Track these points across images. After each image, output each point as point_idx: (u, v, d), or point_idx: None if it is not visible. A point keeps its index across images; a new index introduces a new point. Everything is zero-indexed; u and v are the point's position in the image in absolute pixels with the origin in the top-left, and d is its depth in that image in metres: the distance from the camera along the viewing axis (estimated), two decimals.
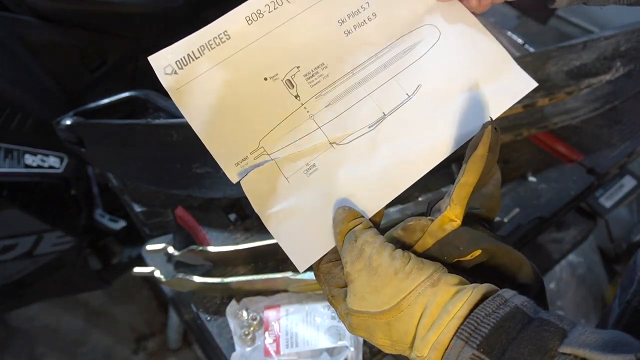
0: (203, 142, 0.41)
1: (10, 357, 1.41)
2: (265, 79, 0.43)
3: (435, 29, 0.47)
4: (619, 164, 0.82)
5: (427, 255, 0.36)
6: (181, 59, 0.42)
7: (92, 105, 0.77)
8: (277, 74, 0.43)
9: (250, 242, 0.66)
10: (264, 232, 0.71)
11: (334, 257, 0.39)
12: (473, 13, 0.47)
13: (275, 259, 0.68)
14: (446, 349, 0.31)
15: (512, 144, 0.80)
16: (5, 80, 0.92)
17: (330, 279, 0.38)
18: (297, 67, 0.43)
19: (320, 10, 0.44)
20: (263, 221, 0.40)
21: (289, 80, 0.43)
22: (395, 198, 0.42)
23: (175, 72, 0.41)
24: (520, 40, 0.98)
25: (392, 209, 0.67)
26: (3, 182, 0.92)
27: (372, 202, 0.41)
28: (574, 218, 1.14)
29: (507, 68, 0.46)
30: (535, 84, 0.46)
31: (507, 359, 0.28)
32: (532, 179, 0.78)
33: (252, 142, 0.42)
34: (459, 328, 0.30)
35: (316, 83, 0.44)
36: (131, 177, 0.76)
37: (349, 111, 0.44)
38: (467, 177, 0.36)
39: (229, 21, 0.42)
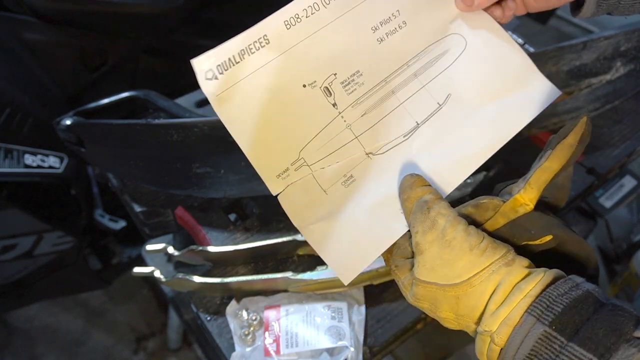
0: (244, 152, 0.40)
1: (10, 357, 1.41)
2: (304, 85, 0.42)
3: (462, 38, 0.47)
4: (619, 164, 0.82)
5: (496, 235, 0.36)
6: (222, 63, 0.39)
7: (92, 105, 0.77)
8: (315, 81, 0.42)
9: (250, 242, 0.66)
10: (264, 232, 0.71)
11: None
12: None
13: (275, 259, 0.68)
14: (516, 325, 0.31)
15: (512, 144, 0.80)
16: (5, 80, 0.92)
17: (395, 249, 0.39)
18: (334, 75, 0.43)
19: (355, 17, 0.44)
20: (303, 235, 0.40)
21: (327, 88, 0.42)
22: None
23: (216, 77, 0.39)
24: (520, 40, 0.98)
25: None
26: (3, 182, 0.92)
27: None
28: (574, 218, 1.14)
29: (532, 77, 0.46)
30: (559, 93, 0.46)
31: (580, 338, 0.29)
32: None
33: (293, 153, 0.41)
34: (530, 306, 0.31)
35: (352, 91, 0.43)
36: (131, 177, 0.76)
37: (383, 120, 0.43)
38: (551, 163, 0.37)
39: (268, 25, 0.40)
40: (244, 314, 0.61)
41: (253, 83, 0.40)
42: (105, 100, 0.79)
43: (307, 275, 0.61)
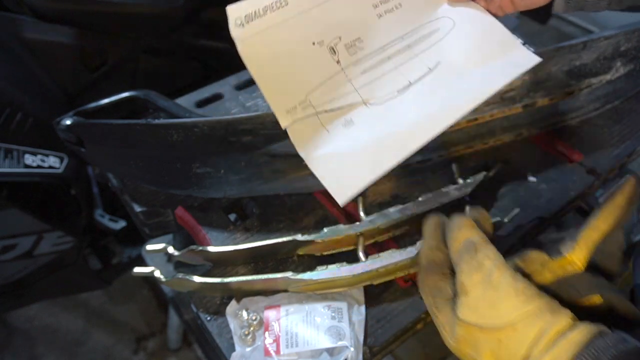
0: (260, 89, 0.48)
1: (10, 357, 1.41)
2: (314, 43, 0.51)
3: (451, 20, 0.56)
4: (619, 164, 0.82)
5: (542, 289, 0.36)
6: (249, 13, 0.47)
7: (92, 105, 0.77)
8: (323, 40, 0.51)
9: (250, 242, 0.66)
10: (264, 232, 0.71)
11: (440, 271, 0.39)
12: None
13: (275, 259, 0.68)
14: None
15: (512, 144, 0.80)
16: (5, 80, 0.92)
17: (436, 292, 0.39)
18: (339, 38, 0.52)
19: None
20: (306, 162, 0.49)
21: (332, 48, 0.52)
22: (396, 198, 0.44)
23: (243, 25, 0.47)
24: (520, 40, 0.98)
25: (392, 209, 0.67)
26: (3, 182, 0.92)
27: (400, 149, 0.49)
28: (574, 218, 1.14)
29: (513, 47, 0.54)
30: (538, 59, 0.53)
31: None
32: (532, 179, 0.78)
33: (301, 94, 0.49)
34: (576, 355, 0.30)
35: (354, 53, 0.52)
36: (131, 177, 0.76)
37: (380, 79, 0.52)
38: (600, 223, 0.36)
39: None
40: (244, 314, 0.61)
41: (272, 34, 0.48)
42: (105, 100, 0.79)
43: (307, 275, 0.61)
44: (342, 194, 0.47)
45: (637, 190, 0.36)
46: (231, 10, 0.46)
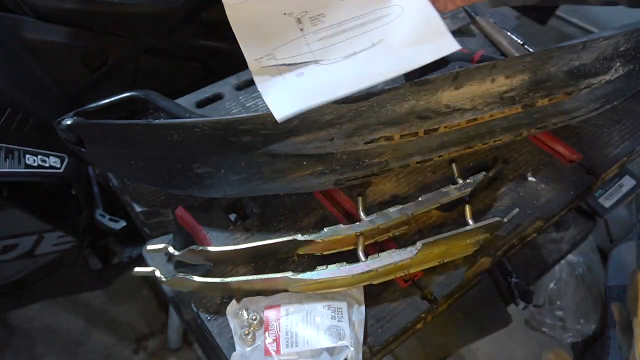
0: (239, 42, 0.64)
1: (10, 357, 1.42)
2: (284, 13, 0.67)
3: (400, 8, 0.69)
4: (619, 164, 0.82)
5: None
6: None
7: (93, 105, 0.77)
8: (292, 13, 0.67)
9: (250, 242, 0.66)
10: (264, 232, 0.71)
11: None
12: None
13: (275, 258, 0.68)
14: None
15: (512, 144, 0.80)
16: (6, 81, 0.92)
17: None
18: (306, 12, 0.68)
19: None
20: (261, 94, 0.63)
21: (299, 18, 0.67)
22: (396, 198, 0.44)
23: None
24: (520, 40, 0.98)
25: (392, 209, 0.67)
26: (4, 182, 0.92)
27: (331, 92, 0.62)
28: (574, 218, 1.14)
29: (442, 37, 0.65)
30: (458, 47, 0.64)
31: None
32: (531, 179, 0.78)
33: (268, 49, 0.65)
34: None
35: (316, 24, 0.67)
36: (131, 177, 0.76)
37: (332, 46, 0.67)
38: None
39: None
40: (244, 313, 0.61)
41: (253, 4, 0.65)
42: (106, 100, 0.79)
43: (307, 275, 0.61)
44: (279, 112, 0.60)
45: None
46: None
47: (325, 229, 0.65)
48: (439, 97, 0.67)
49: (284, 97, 0.62)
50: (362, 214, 0.69)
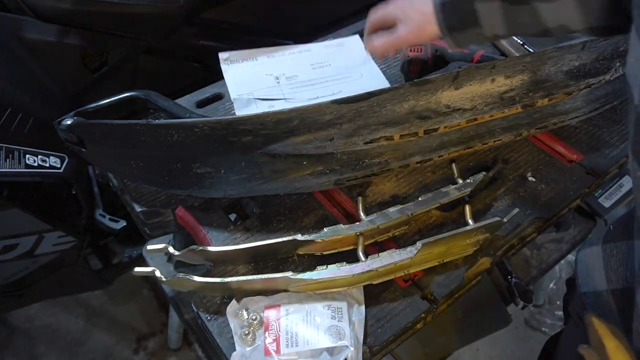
0: (227, 84, 0.93)
1: (10, 357, 1.42)
2: (266, 74, 0.96)
3: (360, 74, 0.96)
4: (618, 164, 0.82)
5: None
6: (231, 59, 0.98)
7: (93, 105, 0.77)
8: (272, 73, 0.96)
9: (250, 242, 0.66)
10: (264, 232, 0.71)
11: None
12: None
13: (275, 258, 0.68)
14: None
15: (512, 144, 0.80)
16: (6, 81, 0.92)
17: None
18: (284, 74, 0.96)
19: (304, 57, 1.00)
20: (236, 111, 0.88)
21: (277, 77, 0.95)
22: (396, 198, 0.44)
23: (228, 64, 0.97)
24: (520, 40, 0.98)
25: (391, 209, 0.67)
26: (4, 182, 0.92)
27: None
28: (574, 218, 1.15)
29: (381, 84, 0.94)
30: (387, 84, 0.93)
31: None
32: (531, 179, 0.78)
33: (249, 91, 0.91)
34: None
35: (290, 81, 0.94)
36: (131, 177, 0.76)
37: (301, 93, 0.91)
38: None
39: (260, 52, 1.01)
40: (244, 313, 0.61)
41: (243, 68, 0.97)
42: (106, 100, 0.79)
43: (307, 275, 0.61)
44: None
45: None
46: (221, 54, 0.98)
47: (325, 229, 0.65)
48: (439, 97, 0.67)
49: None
50: (362, 214, 0.69)
